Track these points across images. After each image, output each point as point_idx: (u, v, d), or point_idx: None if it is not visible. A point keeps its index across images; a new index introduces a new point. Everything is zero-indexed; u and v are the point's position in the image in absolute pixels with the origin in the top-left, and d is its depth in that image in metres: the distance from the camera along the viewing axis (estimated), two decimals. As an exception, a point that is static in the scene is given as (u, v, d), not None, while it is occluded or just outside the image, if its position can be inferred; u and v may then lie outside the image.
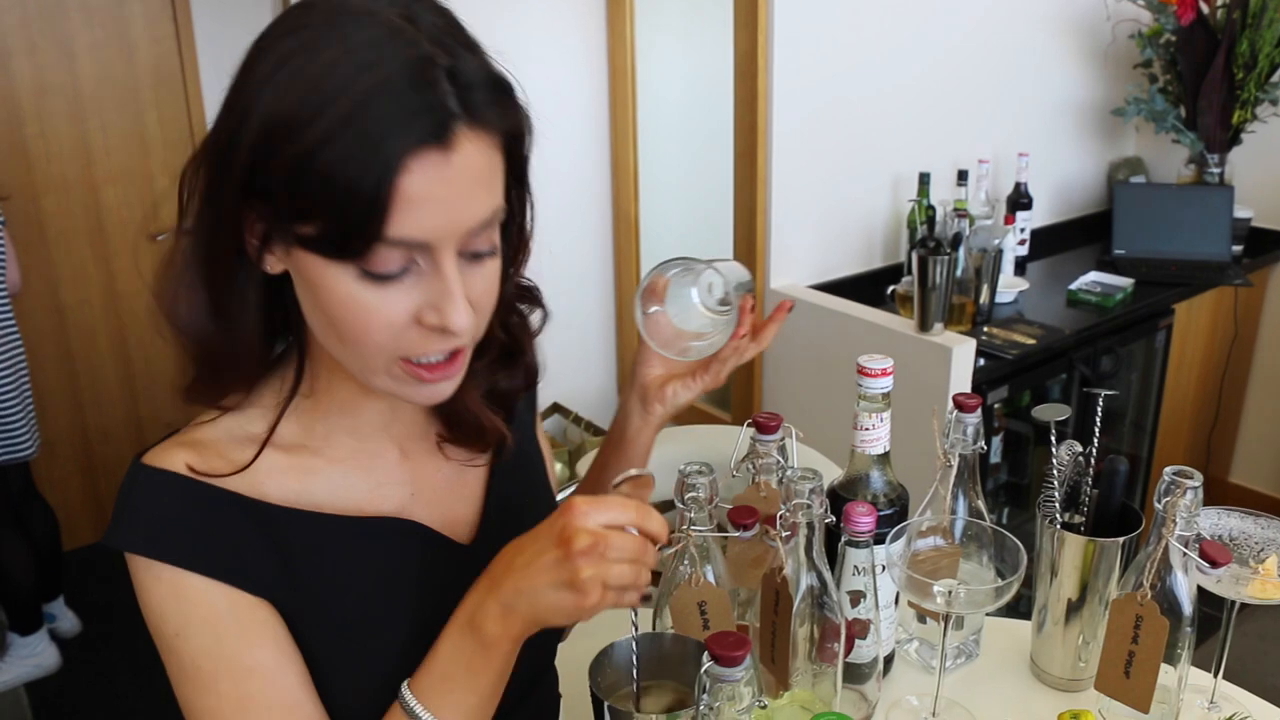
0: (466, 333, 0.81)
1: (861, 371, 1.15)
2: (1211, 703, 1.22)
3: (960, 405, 1.18)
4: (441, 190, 0.75)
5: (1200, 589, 1.11)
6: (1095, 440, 1.20)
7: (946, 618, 1.13)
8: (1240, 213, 3.32)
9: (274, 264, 0.81)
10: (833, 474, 1.24)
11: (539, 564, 0.79)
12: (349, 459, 0.94)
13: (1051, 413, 1.18)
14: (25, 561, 3.00)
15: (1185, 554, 1.05)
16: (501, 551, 0.84)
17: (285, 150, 0.73)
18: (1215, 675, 1.23)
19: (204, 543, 0.84)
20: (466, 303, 0.80)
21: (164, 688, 0.85)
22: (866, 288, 2.92)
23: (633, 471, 1.04)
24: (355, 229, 0.74)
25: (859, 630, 1.17)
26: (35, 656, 3.09)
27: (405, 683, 0.86)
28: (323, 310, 0.80)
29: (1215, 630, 1.20)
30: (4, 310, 2.86)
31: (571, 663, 1.19)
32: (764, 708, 0.81)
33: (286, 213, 0.76)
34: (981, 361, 2.57)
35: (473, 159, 0.76)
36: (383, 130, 0.72)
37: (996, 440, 2.96)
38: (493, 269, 0.84)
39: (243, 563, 0.85)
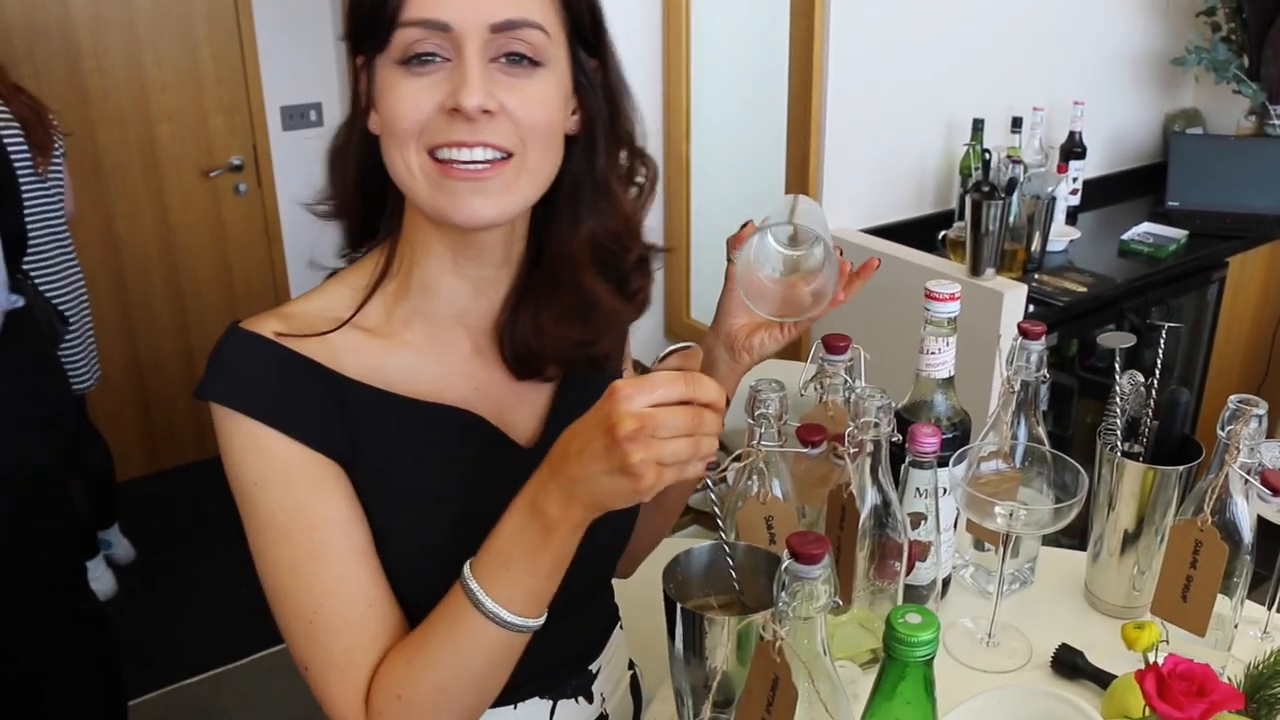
0: (498, 128, 0.88)
1: (930, 295, 1.16)
2: (1265, 633, 1.24)
3: (1025, 332, 1.19)
4: None
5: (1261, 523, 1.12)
6: (1158, 370, 1.21)
7: (1006, 538, 1.15)
8: (1300, 166, 3.28)
9: (373, 120, 0.92)
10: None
11: (589, 451, 0.79)
12: (422, 345, 0.99)
13: (1117, 340, 1.20)
14: (80, 490, 3.08)
15: (1247, 481, 1.07)
16: (560, 437, 0.84)
17: None
18: (1270, 607, 1.24)
19: (283, 402, 0.90)
20: (486, 90, 0.86)
21: (215, 609, 0.90)
22: (917, 232, 2.92)
23: (679, 345, 1.05)
24: (382, 12, 0.86)
25: (919, 552, 1.20)
26: (92, 582, 3.18)
27: (467, 563, 0.88)
28: (380, 118, 0.91)
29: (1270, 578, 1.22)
30: (67, 243, 2.92)
31: (633, 592, 1.23)
32: (839, 606, 0.83)
33: (352, 32, 0.90)
34: (1031, 308, 2.56)
35: None
36: None
37: (1043, 388, 2.95)
38: (539, 85, 0.90)
39: (317, 424, 0.91)
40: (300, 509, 0.90)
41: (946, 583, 1.31)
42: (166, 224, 3.73)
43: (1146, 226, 3.10)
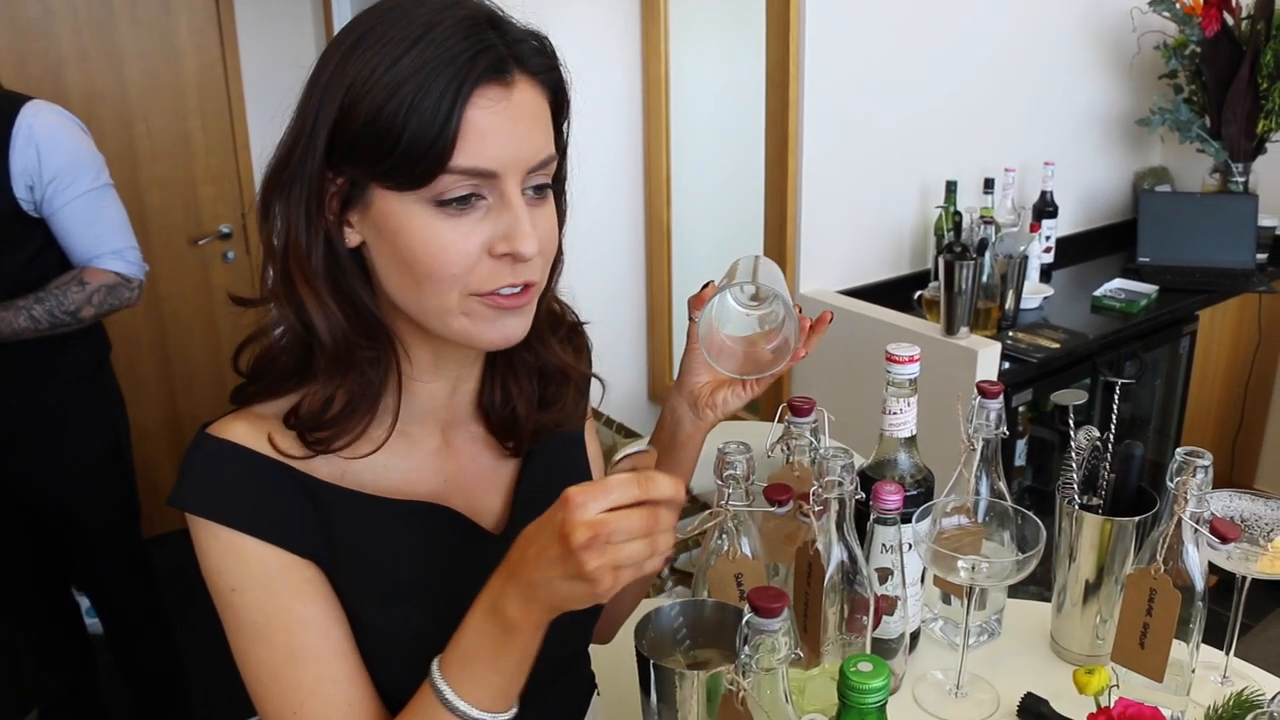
0: (535, 264, 0.89)
1: (890, 359, 1.21)
2: (1224, 678, 1.28)
3: (983, 391, 1.24)
4: (504, 123, 0.84)
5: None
6: (1113, 425, 1.25)
7: (970, 591, 1.19)
8: (1265, 221, 3.37)
9: (352, 235, 0.90)
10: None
11: (546, 558, 0.79)
12: (391, 443, 0.98)
13: (1069, 397, 1.25)
14: None
15: (1197, 530, 1.11)
16: (517, 539, 0.85)
17: (363, 105, 0.83)
18: (1227, 652, 1.28)
19: (259, 508, 0.91)
20: (534, 234, 0.87)
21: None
22: (894, 293, 2.98)
23: (634, 448, 1.09)
24: (427, 157, 0.82)
25: (886, 606, 1.23)
26: None
27: (435, 660, 0.89)
28: (401, 253, 0.87)
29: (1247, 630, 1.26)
30: None
31: (611, 654, 1.26)
32: (800, 657, 0.87)
33: (366, 159, 0.84)
34: (1006, 365, 2.62)
35: (529, 99, 0.87)
36: (449, 71, 0.82)
37: (1021, 444, 3.00)
38: (552, 211, 0.92)
39: (292, 528, 0.91)
40: (279, 613, 0.91)
41: (916, 636, 1.34)
42: (155, 291, 3.77)
43: (1118, 282, 3.17)
